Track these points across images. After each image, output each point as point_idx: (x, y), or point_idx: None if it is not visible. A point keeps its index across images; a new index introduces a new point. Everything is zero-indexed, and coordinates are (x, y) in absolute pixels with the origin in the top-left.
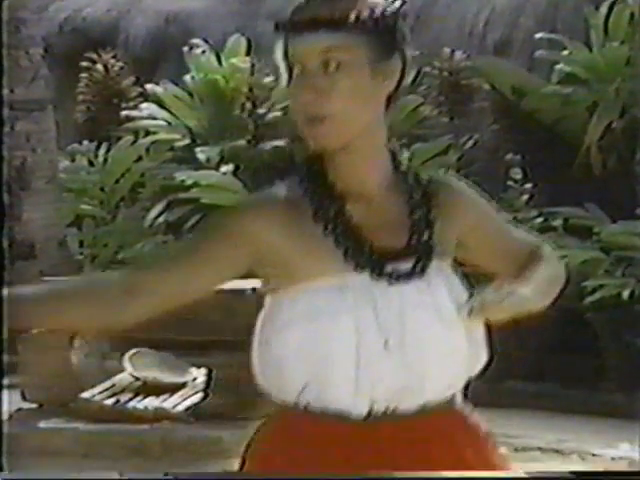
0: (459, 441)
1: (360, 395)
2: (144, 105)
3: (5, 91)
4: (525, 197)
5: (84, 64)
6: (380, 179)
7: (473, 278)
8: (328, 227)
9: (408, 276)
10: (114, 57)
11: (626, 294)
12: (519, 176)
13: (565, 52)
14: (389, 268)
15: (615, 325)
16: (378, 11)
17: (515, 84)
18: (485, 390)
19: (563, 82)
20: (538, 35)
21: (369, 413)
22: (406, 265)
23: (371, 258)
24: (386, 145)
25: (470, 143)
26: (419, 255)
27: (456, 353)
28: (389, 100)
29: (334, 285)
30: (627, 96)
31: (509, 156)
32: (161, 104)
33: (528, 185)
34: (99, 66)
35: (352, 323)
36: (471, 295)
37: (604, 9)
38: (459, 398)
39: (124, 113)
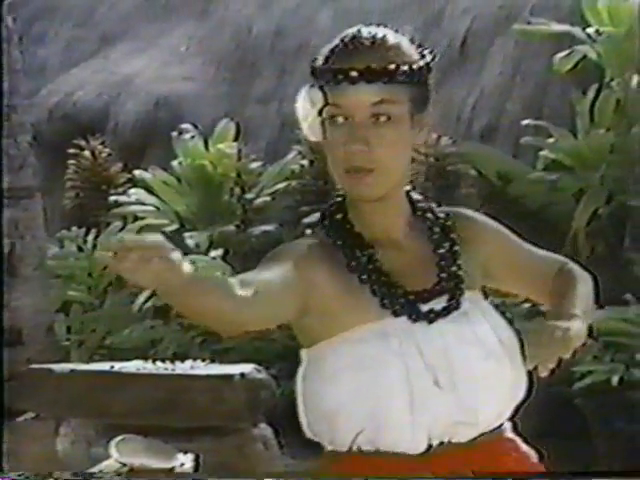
0: (509, 467)
1: (417, 436)
2: (132, 191)
3: None
4: None
5: (72, 151)
6: (404, 223)
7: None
8: (363, 277)
9: (445, 312)
10: (102, 143)
11: (615, 380)
12: None
13: (550, 139)
14: (425, 308)
15: (604, 411)
16: (422, 63)
17: (501, 170)
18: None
19: (549, 169)
20: (524, 122)
21: (426, 450)
22: (441, 302)
23: (407, 302)
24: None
25: None
26: (451, 290)
27: (502, 382)
28: None
29: (376, 332)
30: (613, 183)
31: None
32: (149, 190)
33: None
34: (87, 153)
35: (401, 367)
36: (521, 342)
37: (591, 94)
38: (508, 426)
39: (112, 198)
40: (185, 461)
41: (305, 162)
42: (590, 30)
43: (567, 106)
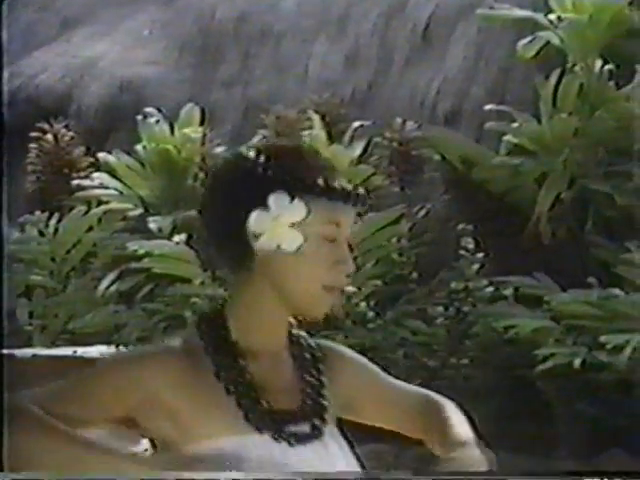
0: None
1: None
2: (96, 175)
3: None
4: (476, 266)
5: (34, 134)
6: (280, 339)
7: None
8: (230, 387)
9: (307, 438)
10: (66, 127)
11: (577, 362)
12: (471, 245)
13: (514, 124)
14: (289, 429)
15: (567, 393)
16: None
17: (464, 155)
18: (435, 459)
19: (512, 153)
20: (487, 107)
21: None
22: (304, 427)
23: (272, 420)
24: None
25: (422, 213)
26: (314, 417)
27: None
28: None
29: (237, 445)
30: (575, 167)
31: (461, 226)
32: (113, 174)
33: (480, 254)
34: (49, 136)
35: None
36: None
37: (554, 79)
38: None
39: (75, 182)
40: (149, 447)
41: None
42: (552, 16)
43: (530, 91)
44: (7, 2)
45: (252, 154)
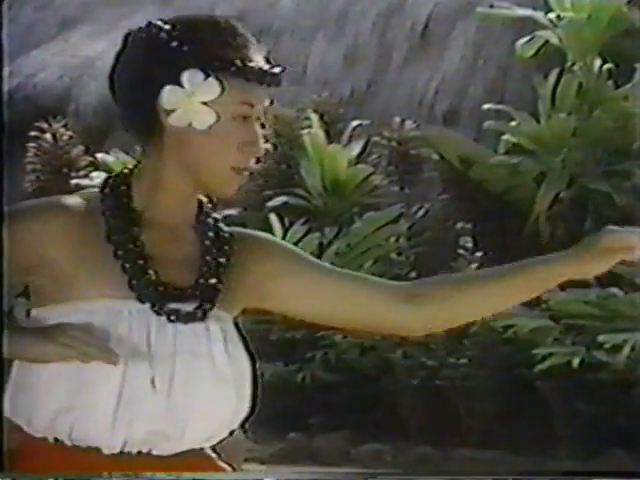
0: None
1: (116, 431)
2: (94, 174)
3: None
4: (475, 265)
5: (33, 133)
6: (185, 219)
7: None
8: (118, 251)
9: (188, 317)
10: (64, 126)
11: (576, 362)
12: (469, 244)
13: (512, 123)
14: (172, 305)
15: (565, 393)
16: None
17: (463, 154)
18: (436, 457)
19: (510, 152)
20: (486, 106)
21: (121, 452)
22: (188, 307)
23: (155, 292)
24: None
25: (421, 212)
26: (203, 299)
27: (223, 407)
28: None
29: (110, 310)
30: (574, 166)
31: (460, 225)
32: (111, 173)
33: (478, 253)
34: (48, 135)
35: (122, 350)
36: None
37: (552, 78)
38: (209, 448)
39: (74, 182)
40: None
41: (269, 146)
42: (552, 15)
43: (529, 90)
44: (6, 1)
45: (167, 27)
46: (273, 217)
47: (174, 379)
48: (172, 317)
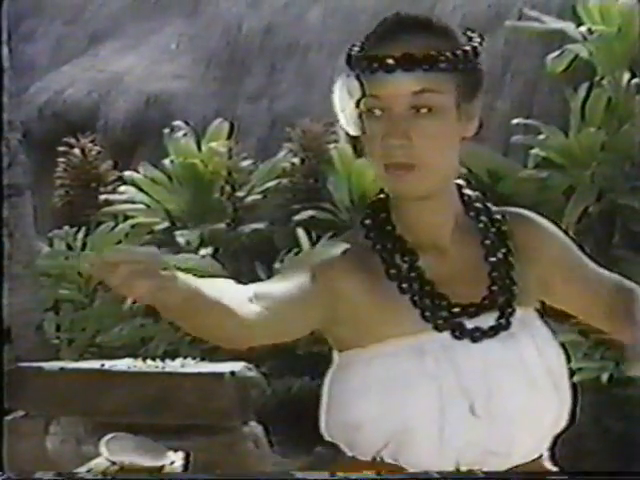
0: None
1: (444, 462)
2: (123, 188)
3: None
4: None
5: (62, 149)
6: (453, 225)
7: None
8: (403, 285)
9: (492, 332)
10: (92, 141)
11: (605, 377)
12: None
13: (541, 137)
14: (471, 325)
15: (594, 409)
16: (468, 48)
17: (490, 168)
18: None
19: (539, 167)
20: (514, 121)
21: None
22: (489, 319)
23: (451, 316)
24: (454, 184)
25: None
26: (502, 306)
27: (543, 414)
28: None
29: (413, 347)
30: (603, 181)
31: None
32: (140, 188)
33: None
34: (77, 150)
35: (433, 388)
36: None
37: (582, 91)
38: (546, 456)
39: (103, 197)
40: (175, 459)
41: (296, 160)
42: (583, 28)
43: (557, 104)
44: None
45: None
46: (300, 231)
47: (492, 399)
48: (475, 336)
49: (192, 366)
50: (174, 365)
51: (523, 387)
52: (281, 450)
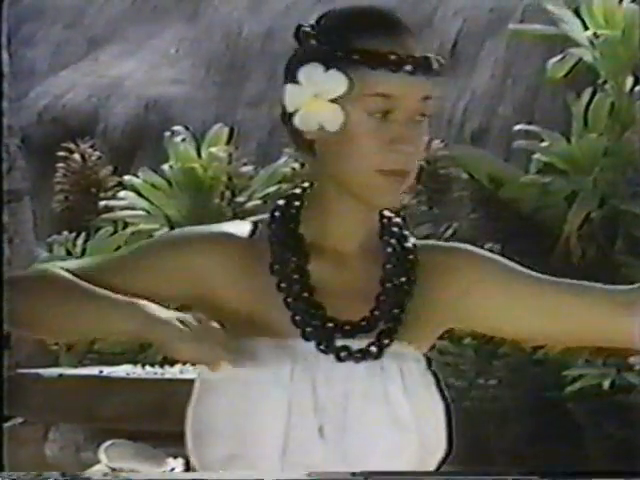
0: None
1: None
2: (122, 194)
3: None
4: None
5: (61, 154)
6: (361, 241)
7: None
8: (282, 284)
9: (360, 356)
10: (92, 147)
11: (607, 384)
12: None
13: (543, 143)
14: (341, 342)
15: (596, 415)
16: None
17: (492, 173)
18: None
19: (541, 172)
20: (516, 127)
21: None
22: (362, 342)
23: (322, 328)
24: None
25: (449, 232)
26: (380, 333)
27: (403, 453)
28: None
29: (272, 351)
30: (605, 187)
31: (488, 245)
32: (140, 193)
33: None
34: (76, 156)
35: (285, 398)
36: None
37: (585, 97)
38: None
39: (102, 203)
40: (175, 465)
41: (296, 165)
42: (588, 33)
43: (559, 109)
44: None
45: (311, 24)
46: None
47: (345, 426)
48: (342, 355)
49: (191, 372)
50: (173, 371)
51: (382, 423)
52: None
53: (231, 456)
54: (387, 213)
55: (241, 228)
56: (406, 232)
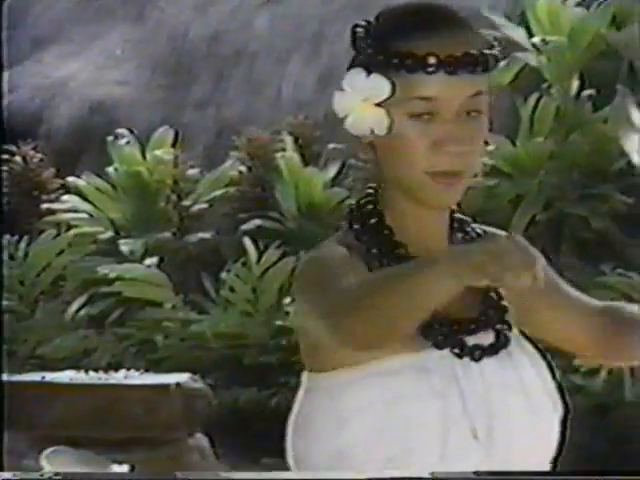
0: None
1: None
2: (65, 197)
3: None
4: None
5: (2, 157)
6: (445, 239)
7: None
8: None
9: (492, 350)
10: (34, 149)
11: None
12: None
13: (489, 146)
14: (471, 342)
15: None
16: (495, 46)
17: None
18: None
19: (487, 175)
20: None
21: None
22: (488, 337)
23: (450, 333)
24: None
25: None
26: (497, 322)
27: (546, 436)
28: None
29: (415, 365)
30: (550, 190)
31: None
32: (83, 196)
33: None
34: (18, 158)
35: (439, 410)
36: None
37: (532, 100)
38: None
39: (45, 206)
40: (120, 472)
41: (243, 169)
42: (535, 39)
43: (505, 112)
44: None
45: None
46: (247, 240)
47: (492, 423)
48: (476, 354)
49: (136, 377)
50: (118, 377)
51: (523, 408)
52: (228, 461)
53: (390, 460)
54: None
55: (334, 248)
56: (473, 225)
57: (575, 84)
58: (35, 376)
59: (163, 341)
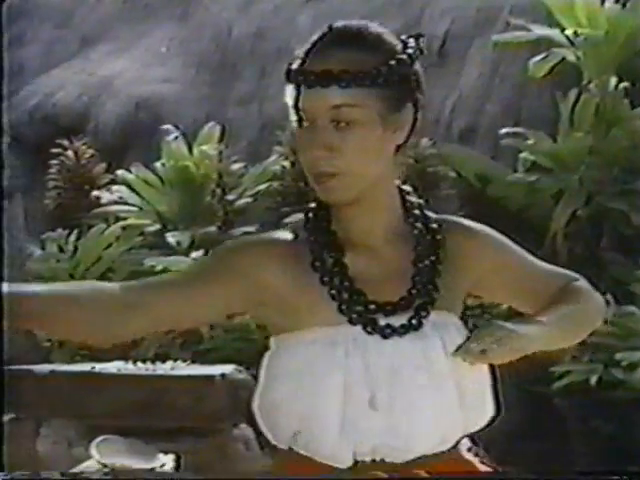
0: None
1: (342, 452)
2: (115, 188)
3: None
4: None
5: (55, 150)
6: (387, 229)
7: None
8: (324, 278)
9: (403, 330)
10: (84, 144)
11: (594, 380)
12: None
13: (530, 141)
14: (384, 322)
15: (583, 411)
16: (393, 62)
17: (479, 171)
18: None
19: (528, 170)
20: (503, 130)
21: (355, 464)
22: (402, 318)
23: (366, 311)
24: (397, 189)
25: None
26: (417, 308)
27: (447, 412)
28: (399, 145)
29: (327, 338)
30: (591, 184)
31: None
32: (132, 188)
33: None
34: (70, 153)
35: (341, 378)
36: (468, 338)
37: (572, 96)
38: (464, 448)
39: (94, 194)
40: (166, 461)
41: (286, 163)
42: (568, 32)
43: (545, 108)
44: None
45: None
46: (290, 226)
47: (394, 394)
48: (386, 332)
49: (183, 369)
50: (164, 368)
51: (425, 385)
52: (272, 452)
53: (296, 432)
54: (409, 197)
55: (283, 234)
56: (428, 212)
57: (613, 80)
58: (84, 366)
59: (208, 333)
